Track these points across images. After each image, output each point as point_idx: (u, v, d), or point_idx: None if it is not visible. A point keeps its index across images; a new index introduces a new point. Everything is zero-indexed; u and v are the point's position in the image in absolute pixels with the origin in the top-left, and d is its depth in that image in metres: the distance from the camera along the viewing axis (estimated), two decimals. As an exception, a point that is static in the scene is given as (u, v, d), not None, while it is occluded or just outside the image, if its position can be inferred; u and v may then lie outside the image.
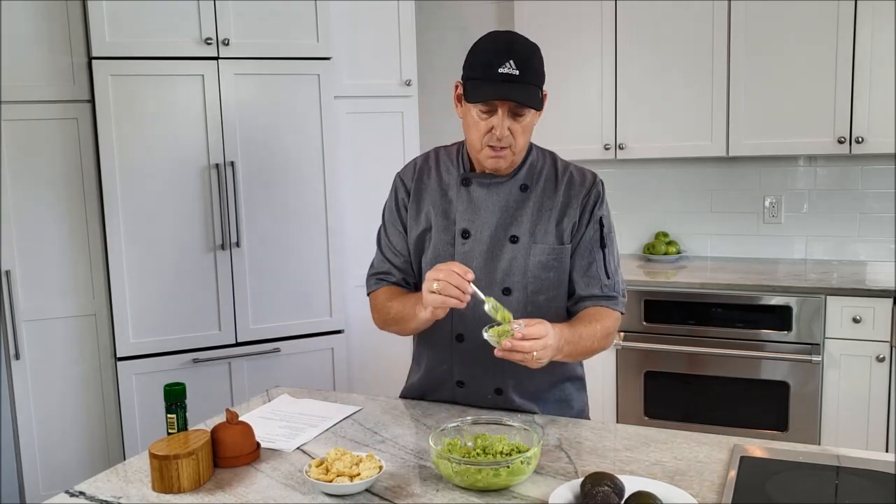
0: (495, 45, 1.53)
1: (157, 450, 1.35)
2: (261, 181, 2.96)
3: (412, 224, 1.72)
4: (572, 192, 1.66)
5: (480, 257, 1.65)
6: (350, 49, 3.14)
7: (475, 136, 1.59)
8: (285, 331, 3.06)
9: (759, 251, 3.54)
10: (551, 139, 3.57)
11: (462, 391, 1.73)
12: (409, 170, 1.76)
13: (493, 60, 1.50)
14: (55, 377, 2.87)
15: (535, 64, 1.54)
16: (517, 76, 1.50)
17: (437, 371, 1.75)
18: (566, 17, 3.44)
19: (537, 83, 1.54)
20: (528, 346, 1.39)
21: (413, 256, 1.74)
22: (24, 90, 2.73)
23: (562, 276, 1.67)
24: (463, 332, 1.68)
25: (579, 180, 1.68)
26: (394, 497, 1.29)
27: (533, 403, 1.71)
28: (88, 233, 2.86)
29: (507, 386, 1.70)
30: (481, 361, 1.68)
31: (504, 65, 1.49)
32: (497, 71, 1.49)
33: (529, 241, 1.64)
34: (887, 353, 2.80)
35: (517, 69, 1.49)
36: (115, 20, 2.74)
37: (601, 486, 1.19)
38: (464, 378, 1.72)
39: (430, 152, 1.78)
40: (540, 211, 1.65)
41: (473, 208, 1.66)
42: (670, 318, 3.09)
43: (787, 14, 3.07)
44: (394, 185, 1.78)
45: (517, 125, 1.56)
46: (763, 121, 3.15)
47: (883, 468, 1.33)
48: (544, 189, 1.67)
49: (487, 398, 1.71)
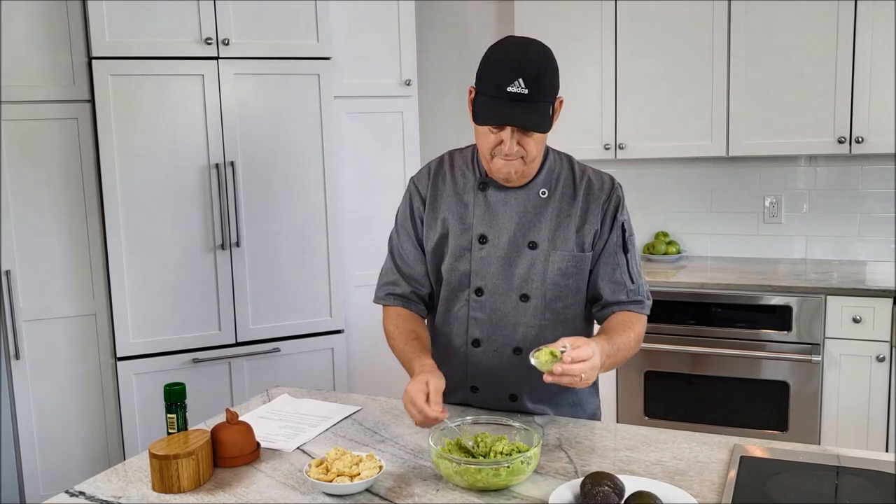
0: (507, 59, 1.48)
1: (157, 450, 1.35)
2: (261, 181, 2.96)
3: (429, 231, 1.69)
4: (591, 197, 1.63)
5: (498, 263, 1.63)
6: (350, 49, 3.14)
7: (485, 148, 1.56)
8: (285, 331, 3.06)
9: (759, 251, 3.54)
10: (551, 139, 3.56)
11: (476, 396, 1.72)
12: (424, 175, 1.73)
13: (501, 79, 1.46)
14: (55, 377, 2.87)
15: (546, 79, 1.48)
16: (526, 95, 1.45)
17: (450, 376, 1.75)
18: (566, 17, 3.44)
19: (548, 100, 1.49)
20: (578, 368, 1.36)
21: (431, 264, 1.71)
22: (24, 90, 2.73)
23: (580, 283, 1.65)
24: (479, 337, 1.67)
25: (598, 185, 1.65)
26: (394, 497, 1.29)
27: (546, 408, 1.71)
28: (88, 233, 2.86)
29: (522, 392, 1.69)
30: (496, 367, 1.67)
31: (513, 83, 1.45)
32: (505, 90, 1.45)
33: (549, 248, 1.62)
34: (887, 353, 2.80)
35: (526, 87, 1.45)
36: (115, 20, 2.74)
37: (601, 486, 1.19)
38: (478, 384, 1.71)
39: (444, 156, 1.74)
40: (559, 217, 1.62)
41: (491, 213, 1.64)
42: (670, 318, 3.09)
43: (787, 14, 3.07)
44: (408, 191, 1.74)
45: (529, 139, 1.52)
46: (763, 121, 3.15)
47: (883, 468, 1.33)
48: (563, 195, 1.63)
49: (501, 404, 1.70)
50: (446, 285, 1.69)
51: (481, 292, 1.64)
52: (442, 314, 1.72)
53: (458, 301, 1.68)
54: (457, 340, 1.70)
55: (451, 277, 1.67)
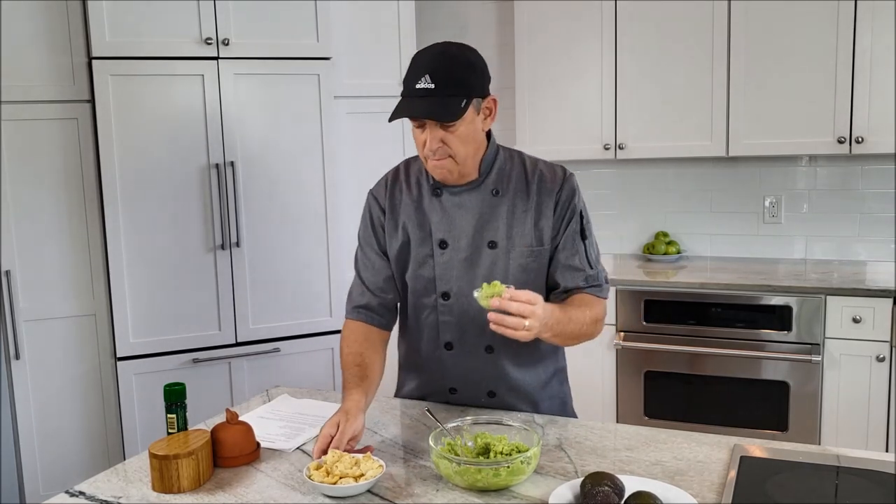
0: (419, 60, 1.55)
1: (157, 450, 1.35)
2: (261, 181, 2.96)
3: (391, 239, 1.71)
4: (544, 190, 1.65)
5: (460, 266, 1.65)
6: (350, 49, 3.14)
7: (418, 149, 1.61)
8: (285, 331, 3.06)
9: (759, 251, 3.54)
10: (551, 139, 3.60)
11: (455, 397, 1.74)
12: (381, 187, 1.76)
13: (411, 78, 1.53)
14: (55, 377, 2.87)
15: (456, 74, 1.52)
16: (433, 90, 1.50)
17: (428, 379, 1.76)
18: (566, 16, 3.44)
19: (458, 94, 1.52)
20: (517, 307, 1.35)
21: (396, 272, 1.73)
22: (24, 90, 2.73)
23: (540, 277, 1.67)
24: (451, 339, 1.69)
25: (550, 178, 1.66)
26: (394, 497, 1.29)
27: (525, 403, 1.72)
28: (88, 233, 2.86)
29: (500, 388, 1.70)
30: (472, 367, 1.69)
31: (420, 79, 1.51)
32: (414, 87, 1.52)
33: (508, 246, 1.63)
34: (887, 353, 2.80)
35: (433, 82, 1.50)
36: (115, 20, 2.74)
37: (601, 486, 1.19)
38: (456, 385, 1.73)
39: (399, 166, 1.78)
40: (515, 214, 1.64)
41: (448, 218, 1.66)
42: (670, 318, 3.09)
43: (787, 14, 3.07)
44: (367, 203, 1.78)
45: (451, 136, 1.55)
46: (763, 121, 3.15)
47: (883, 468, 1.33)
48: (516, 191, 1.65)
49: (481, 401, 1.72)
50: (412, 293, 1.71)
51: (448, 296, 1.66)
52: (412, 321, 1.74)
53: (426, 307, 1.70)
54: (430, 345, 1.72)
55: (416, 285, 1.70)
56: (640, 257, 3.68)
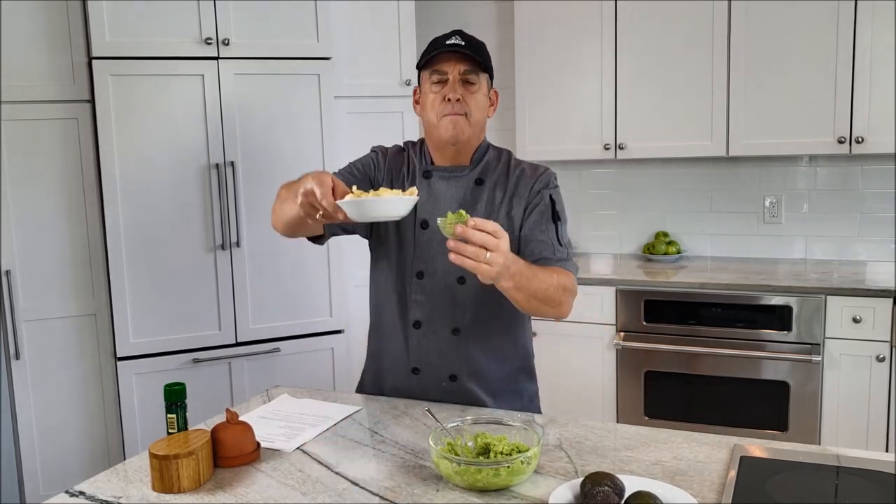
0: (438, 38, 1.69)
1: (157, 450, 1.35)
2: (261, 181, 2.96)
3: None
4: (522, 183, 1.72)
5: (438, 247, 1.69)
6: (350, 49, 3.14)
7: (431, 113, 1.68)
8: (285, 331, 3.06)
9: (759, 251, 3.54)
10: (551, 139, 3.60)
11: (417, 378, 1.77)
12: (388, 149, 1.84)
13: (439, 38, 1.67)
14: (55, 377, 2.87)
15: (483, 49, 1.69)
16: (463, 46, 1.64)
17: (393, 359, 1.79)
18: (566, 16, 3.44)
19: (483, 60, 1.66)
20: (480, 237, 1.32)
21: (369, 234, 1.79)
22: (24, 90, 2.73)
23: None
24: (420, 318, 1.73)
25: (530, 173, 1.74)
26: (394, 497, 1.29)
27: (486, 394, 1.74)
28: (88, 233, 2.86)
29: (462, 373, 1.73)
30: (435, 348, 1.73)
31: (452, 38, 1.65)
32: (444, 42, 1.65)
33: None
34: (887, 353, 2.80)
35: (463, 41, 1.65)
36: (115, 20, 2.74)
37: (601, 486, 1.19)
38: (420, 365, 1.76)
39: (399, 144, 1.86)
40: (492, 202, 1.71)
41: (434, 199, 1.72)
42: (670, 318, 3.09)
43: (787, 14, 3.07)
44: (372, 150, 1.84)
45: (470, 95, 1.65)
46: (763, 121, 3.15)
47: (883, 468, 1.33)
48: (497, 183, 1.73)
49: (442, 385, 1.75)
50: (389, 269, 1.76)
51: (422, 275, 1.72)
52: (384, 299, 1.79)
53: (400, 284, 1.75)
54: (397, 323, 1.76)
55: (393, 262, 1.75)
56: (640, 257, 3.68)
